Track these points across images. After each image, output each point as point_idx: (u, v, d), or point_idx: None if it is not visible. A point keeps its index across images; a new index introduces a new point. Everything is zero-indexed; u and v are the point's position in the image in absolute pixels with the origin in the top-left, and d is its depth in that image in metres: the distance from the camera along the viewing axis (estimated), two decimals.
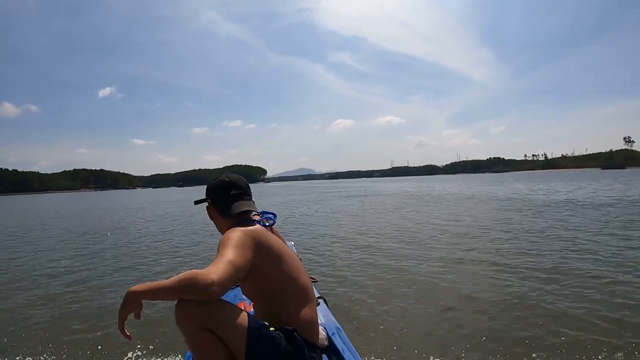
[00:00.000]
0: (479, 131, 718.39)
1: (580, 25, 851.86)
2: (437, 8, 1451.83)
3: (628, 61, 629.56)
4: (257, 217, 1.98)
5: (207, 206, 1.97)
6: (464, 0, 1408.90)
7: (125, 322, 1.49)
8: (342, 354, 1.96)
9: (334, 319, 2.30)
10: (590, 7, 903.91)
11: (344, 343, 2.05)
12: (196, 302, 1.47)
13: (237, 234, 1.68)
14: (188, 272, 1.45)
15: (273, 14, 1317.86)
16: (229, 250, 1.58)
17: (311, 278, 2.59)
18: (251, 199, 1.97)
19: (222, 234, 1.81)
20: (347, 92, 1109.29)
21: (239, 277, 1.60)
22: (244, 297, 2.37)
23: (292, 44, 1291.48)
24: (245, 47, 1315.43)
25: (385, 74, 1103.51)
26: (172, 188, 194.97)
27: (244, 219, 1.87)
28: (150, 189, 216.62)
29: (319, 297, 2.54)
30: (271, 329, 1.63)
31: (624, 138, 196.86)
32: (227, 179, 1.94)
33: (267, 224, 1.98)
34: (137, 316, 1.50)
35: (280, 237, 2.06)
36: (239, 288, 2.45)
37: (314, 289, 2.48)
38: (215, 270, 1.46)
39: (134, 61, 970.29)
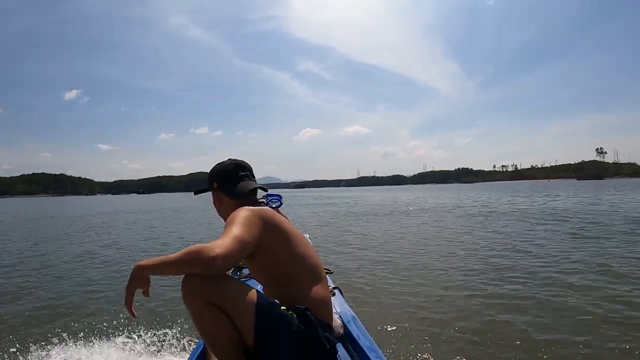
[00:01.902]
0: (444, 142, 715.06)
1: (552, 38, 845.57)
2: (406, 20, 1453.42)
3: (601, 76, 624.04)
4: (262, 200, 1.93)
5: (213, 191, 1.90)
6: (434, 13, 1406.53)
7: (134, 299, 1.46)
8: (358, 340, 1.92)
9: (349, 308, 2.30)
10: (563, 21, 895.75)
11: (359, 331, 2.01)
12: (202, 276, 1.44)
13: (244, 212, 1.63)
14: (193, 246, 1.43)
15: (241, 21, 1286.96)
16: (236, 227, 1.54)
17: (326, 269, 2.74)
18: (256, 180, 1.96)
19: (226, 219, 1.77)
20: (314, 101, 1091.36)
21: (245, 252, 1.56)
22: (259, 287, 2.22)
23: (260, 51, 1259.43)
24: (213, 53, 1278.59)
25: (352, 84, 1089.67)
26: (132, 195, 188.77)
27: (251, 201, 1.83)
28: (110, 195, 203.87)
29: (334, 288, 2.58)
30: (282, 307, 1.57)
31: (597, 149, 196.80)
32: (234, 162, 1.90)
33: (273, 205, 1.92)
34: (146, 293, 1.48)
35: (286, 218, 1.94)
36: (253, 280, 2.47)
37: (329, 279, 2.67)
38: (220, 244, 1.43)
39: (100, 63, 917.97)
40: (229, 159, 1.92)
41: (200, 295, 1.44)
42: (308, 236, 3.91)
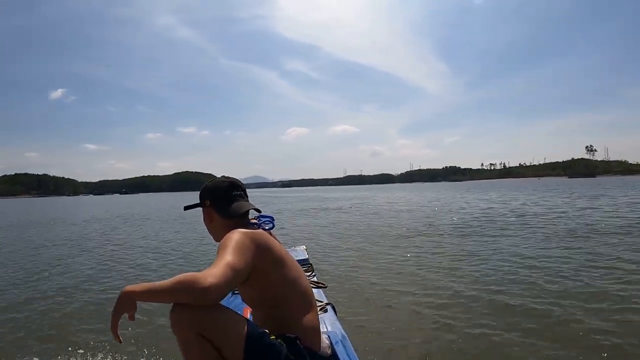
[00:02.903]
0: (432, 141, 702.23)
1: (541, 38, 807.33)
2: (394, 19, 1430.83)
3: (590, 75, 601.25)
4: (254, 221, 1.87)
5: (205, 209, 1.83)
6: (421, 13, 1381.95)
7: (119, 323, 1.39)
8: None
9: (340, 327, 2.20)
10: (551, 21, 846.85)
11: (347, 353, 1.91)
12: (192, 306, 1.37)
13: (237, 236, 1.57)
14: (185, 274, 1.35)
15: (229, 20, 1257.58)
16: (229, 253, 1.47)
17: (320, 284, 2.91)
18: (248, 200, 1.88)
19: (217, 238, 1.75)
20: (302, 100, 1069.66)
21: (239, 281, 1.51)
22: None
23: (248, 51, 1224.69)
24: (200, 52, 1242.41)
25: (340, 83, 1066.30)
26: (115, 195, 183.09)
27: (244, 222, 1.77)
28: (92, 196, 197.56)
29: (327, 303, 2.46)
30: (272, 337, 1.52)
31: (586, 147, 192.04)
32: (227, 180, 1.84)
33: (266, 227, 1.86)
34: (131, 318, 1.40)
35: (278, 241, 1.90)
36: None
37: (322, 294, 2.75)
38: (213, 274, 1.36)
39: (87, 62, 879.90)
40: (222, 176, 1.86)
41: (189, 326, 1.38)
42: (304, 247, 3.78)
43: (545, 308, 4.14)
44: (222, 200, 1.77)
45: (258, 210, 1.85)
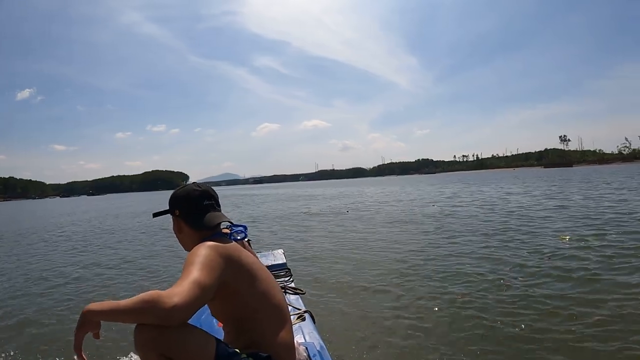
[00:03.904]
0: (402, 134, 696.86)
1: (512, 30, 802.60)
2: (363, 14, 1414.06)
3: (562, 66, 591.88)
4: (226, 231, 1.76)
5: (174, 218, 1.70)
6: (391, 7, 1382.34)
7: (83, 343, 1.31)
8: None
9: (318, 337, 2.06)
10: (523, 12, 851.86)
11: None
12: (157, 325, 1.25)
13: (205, 250, 1.44)
14: (149, 292, 1.24)
15: (197, 17, 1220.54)
16: (196, 269, 1.35)
17: (298, 290, 2.79)
18: (221, 210, 1.74)
19: (187, 249, 1.63)
20: (272, 96, 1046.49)
21: (206, 299, 1.37)
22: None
23: (216, 47, 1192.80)
24: (168, 50, 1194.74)
25: (310, 78, 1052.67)
26: (83, 197, 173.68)
27: (215, 233, 1.65)
28: (58, 198, 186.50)
29: (305, 311, 2.32)
30: (243, 355, 1.41)
31: (560, 137, 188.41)
32: (199, 188, 1.69)
33: (238, 237, 1.76)
34: (96, 336, 1.34)
35: (252, 252, 1.85)
36: None
37: (300, 302, 2.59)
38: (178, 292, 1.25)
39: (54, 61, 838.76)
40: (193, 183, 1.72)
41: (153, 347, 1.26)
42: (282, 251, 3.57)
43: None
44: (193, 211, 1.64)
45: (230, 222, 1.72)
